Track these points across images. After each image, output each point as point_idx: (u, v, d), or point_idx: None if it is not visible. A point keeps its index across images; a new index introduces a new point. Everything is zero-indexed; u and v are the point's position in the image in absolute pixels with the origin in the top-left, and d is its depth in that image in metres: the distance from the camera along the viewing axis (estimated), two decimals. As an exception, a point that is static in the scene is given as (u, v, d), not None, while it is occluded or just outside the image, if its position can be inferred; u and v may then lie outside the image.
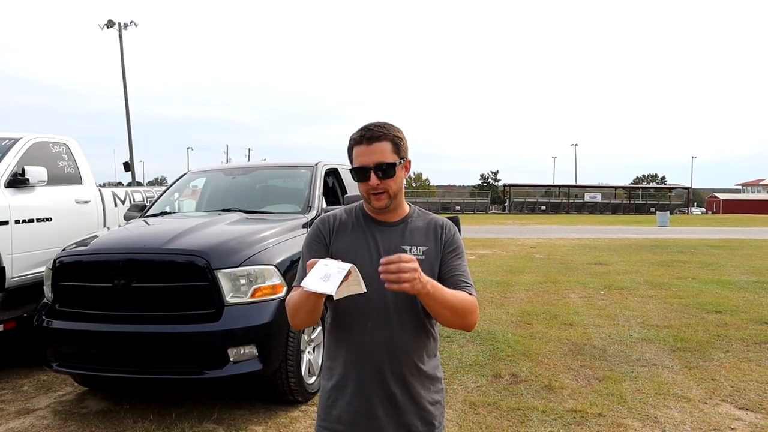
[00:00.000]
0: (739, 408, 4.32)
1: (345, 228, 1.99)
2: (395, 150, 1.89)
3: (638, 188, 76.30)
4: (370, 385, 1.91)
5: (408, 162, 1.96)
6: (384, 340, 1.89)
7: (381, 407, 1.91)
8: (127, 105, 34.05)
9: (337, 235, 1.98)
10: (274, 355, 4.12)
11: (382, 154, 1.87)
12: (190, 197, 7.28)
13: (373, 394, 1.90)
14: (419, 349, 1.94)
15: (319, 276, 1.61)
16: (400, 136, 1.92)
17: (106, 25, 34.29)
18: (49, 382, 5.14)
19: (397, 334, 1.89)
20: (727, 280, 10.37)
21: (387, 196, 1.89)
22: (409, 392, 1.92)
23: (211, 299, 4.00)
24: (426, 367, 1.96)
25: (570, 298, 8.70)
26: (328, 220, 2.02)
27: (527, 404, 4.37)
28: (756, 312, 7.54)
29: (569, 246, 17.74)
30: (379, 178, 1.86)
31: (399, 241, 1.93)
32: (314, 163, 6.01)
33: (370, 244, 1.94)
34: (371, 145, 1.87)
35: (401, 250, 1.89)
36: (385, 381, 1.90)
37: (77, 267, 4.32)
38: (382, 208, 1.92)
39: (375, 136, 1.87)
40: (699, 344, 5.97)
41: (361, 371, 1.91)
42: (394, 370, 1.90)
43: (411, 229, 1.96)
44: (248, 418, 4.22)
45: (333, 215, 2.04)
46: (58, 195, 5.93)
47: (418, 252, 1.91)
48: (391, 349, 1.90)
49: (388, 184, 1.88)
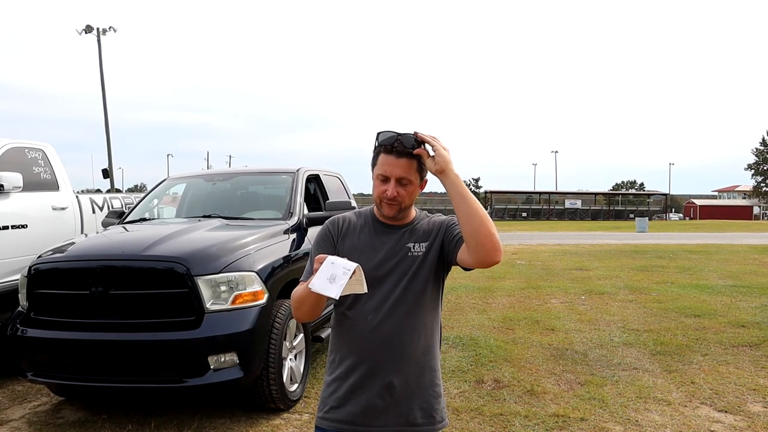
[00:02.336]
0: (718, 410, 4.36)
1: (354, 230, 2.07)
2: (419, 169, 1.96)
3: (617, 194, 77.06)
4: (369, 378, 1.97)
5: (425, 181, 2.03)
6: (384, 333, 1.96)
7: (380, 398, 1.96)
8: (106, 111, 33.68)
9: (345, 236, 2.07)
10: (255, 363, 4.07)
11: (406, 170, 1.93)
12: (170, 204, 7.21)
13: (373, 386, 1.96)
14: (420, 343, 2.00)
15: (326, 277, 1.68)
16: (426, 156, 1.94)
17: (84, 30, 33.91)
18: (24, 392, 5.03)
19: (397, 328, 1.96)
20: (705, 284, 10.49)
21: (399, 207, 1.98)
22: (409, 384, 1.98)
23: (191, 306, 3.95)
24: (426, 360, 2.02)
25: (551, 304, 8.74)
26: (338, 222, 2.10)
27: (510, 409, 4.36)
28: (733, 315, 7.63)
29: (550, 252, 17.84)
30: (397, 190, 1.94)
31: (404, 242, 2.02)
32: (295, 169, 5.98)
33: (375, 244, 2.02)
34: (400, 159, 1.92)
35: (406, 248, 2.00)
36: (384, 373, 1.96)
37: (53, 274, 4.24)
38: (391, 216, 2.00)
39: (405, 152, 1.91)
40: (678, 348, 6.02)
41: (362, 364, 1.98)
42: (394, 362, 1.96)
43: (416, 229, 2.04)
44: (229, 427, 4.17)
45: (343, 218, 2.12)
46: (33, 201, 5.84)
47: (420, 248, 2.00)
48: (390, 342, 1.96)
49: (403, 198, 1.96)
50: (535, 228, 38.15)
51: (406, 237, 2.03)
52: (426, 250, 2.01)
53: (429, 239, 2.03)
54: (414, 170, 1.94)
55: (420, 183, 2.00)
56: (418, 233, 2.04)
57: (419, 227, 2.05)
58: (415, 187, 1.98)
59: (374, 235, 2.04)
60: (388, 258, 2.00)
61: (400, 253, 2.01)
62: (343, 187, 7.28)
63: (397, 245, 2.02)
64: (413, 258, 2.00)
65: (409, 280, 1.98)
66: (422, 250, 2.01)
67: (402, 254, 2.01)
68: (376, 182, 1.98)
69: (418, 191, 2.00)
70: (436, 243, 2.02)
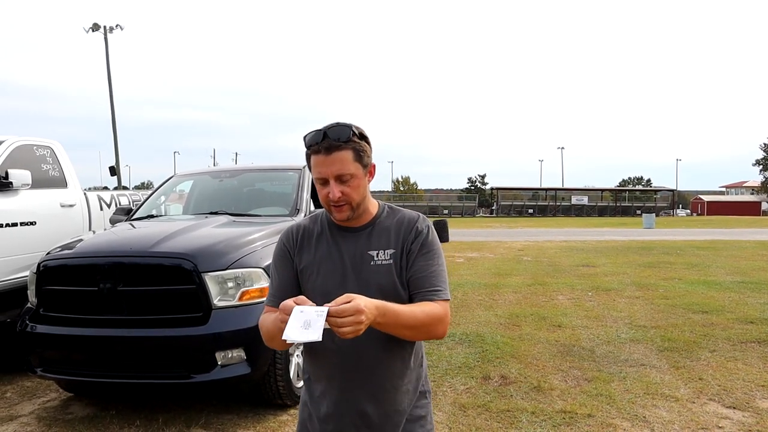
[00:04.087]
0: (727, 407, 4.34)
1: (309, 238, 1.86)
2: (357, 158, 1.72)
3: (624, 191, 76.95)
4: (341, 404, 1.80)
5: (372, 167, 1.81)
6: (352, 356, 1.75)
7: (354, 428, 1.81)
8: (113, 109, 33.83)
9: (300, 247, 1.86)
10: (262, 359, 4.09)
11: (342, 165, 1.70)
12: (177, 201, 7.23)
13: (346, 414, 1.80)
14: (394, 364, 1.81)
15: (299, 325, 1.49)
16: (361, 141, 1.74)
17: (91, 28, 34.05)
18: (33, 388, 5.07)
19: (365, 349, 1.73)
20: (712, 280, 10.45)
21: (349, 207, 1.75)
22: (385, 410, 1.80)
23: (199, 302, 3.96)
24: (404, 382, 1.83)
25: (558, 300, 8.73)
26: (291, 233, 1.90)
27: (517, 405, 4.36)
28: (741, 311, 7.60)
29: (557, 248, 17.81)
30: (340, 190, 1.72)
31: (365, 247, 1.79)
32: (302, 166, 5.98)
33: (333, 254, 1.81)
34: (330, 155, 1.69)
35: (367, 256, 1.78)
36: (356, 399, 1.79)
37: (62, 271, 4.26)
38: (344, 219, 1.78)
39: (333, 146, 1.69)
40: (686, 344, 6.01)
41: (333, 389, 1.81)
42: (366, 387, 1.79)
43: (378, 231, 1.82)
44: (236, 423, 4.18)
45: (297, 226, 1.91)
46: (42, 198, 5.87)
47: (385, 256, 1.78)
48: (359, 365, 1.77)
49: (350, 196, 1.73)
50: (542, 224, 38.09)
51: (367, 242, 1.80)
52: (393, 260, 1.78)
53: (396, 246, 1.79)
54: (350, 161, 1.71)
55: (364, 173, 1.76)
56: (380, 237, 1.81)
57: (382, 228, 1.82)
58: (360, 179, 1.74)
59: (332, 243, 1.82)
60: (348, 268, 1.78)
61: (362, 262, 1.78)
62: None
63: (357, 252, 1.79)
64: (377, 267, 1.77)
65: (372, 293, 1.65)
66: (387, 258, 1.77)
67: (364, 262, 1.78)
68: (318, 187, 1.76)
69: (365, 182, 1.77)
70: (403, 256, 1.79)
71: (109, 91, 33.66)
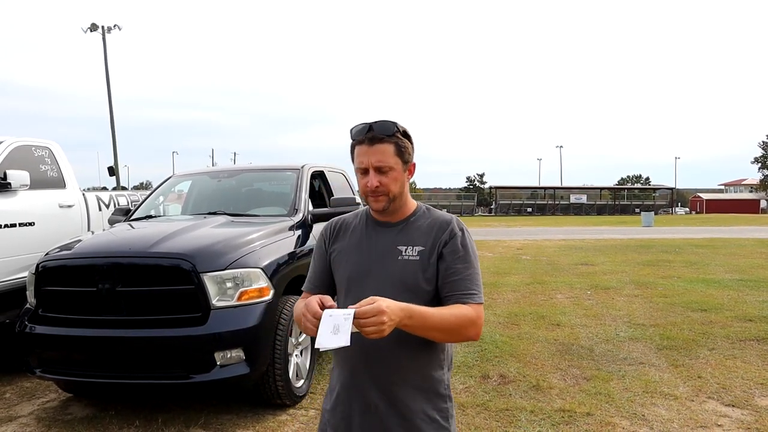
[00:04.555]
0: (726, 405, 4.35)
1: (347, 230, 1.97)
2: (398, 152, 1.82)
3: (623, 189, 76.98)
4: (350, 390, 1.86)
5: (412, 166, 1.91)
6: (365, 344, 1.72)
7: (360, 414, 1.84)
8: (111, 109, 33.80)
9: (335, 238, 1.98)
10: (261, 359, 4.09)
11: (383, 156, 1.80)
12: (176, 202, 7.23)
13: (354, 403, 1.85)
14: (410, 359, 1.82)
15: (329, 330, 1.55)
16: (403, 139, 1.84)
17: (89, 28, 34.03)
18: (33, 388, 5.07)
19: (380, 342, 1.69)
20: (711, 278, 10.46)
21: (386, 198, 1.83)
22: (396, 406, 1.81)
23: (197, 303, 3.96)
24: (413, 378, 1.83)
25: (557, 299, 8.73)
26: (331, 224, 2.03)
27: (516, 404, 4.37)
28: (740, 310, 7.61)
29: (555, 247, 17.82)
30: (378, 179, 1.81)
31: (395, 241, 1.86)
32: (300, 166, 5.99)
33: (363, 245, 1.90)
34: (372, 146, 1.81)
35: (396, 251, 1.84)
36: (366, 391, 1.83)
37: (61, 271, 4.26)
38: (381, 210, 1.86)
39: (377, 138, 1.80)
40: (685, 342, 6.01)
41: (346, 379, 1.88)
42: (377, 380, 1.82)
43: (411, 228, 1.88)
44: (236, 423, 4.18)
45: (340, 219, 2.04)
46: (41, 199, 5.86)
47: (413, 252, 1.83)
48: (371, 356, 1.80)
49: (388, 187, 1.82)
50: (541, 223, 38.10)
51: (398, 237, 1.87)
52: (420, 257, 1.83)
53: (426, 244, 1.84)
54: (391, 154, 1.81)
55: (404, 168, 1.85)
56: (412, 233, 1.87)
57: (415, 226, 1.89)
58: (399, 173, 1.83)
59: (364, 235, 1.92)
60: (375, 259, 1.86)
61: (390, 255, 1.85)
62: (348, 184, 7.28)
63: (387, 245, 1.86)
64: (404, 262, 1.83)
65: (395, 286, 1.78)
66: (415, 254, 1.83)
67: (392, 256, 1.84)
68: (358, 177, 1.86)
69: (404, 178, 1.86)
70: (434, 254, 1.83)
71: (107, 91, 33.65)
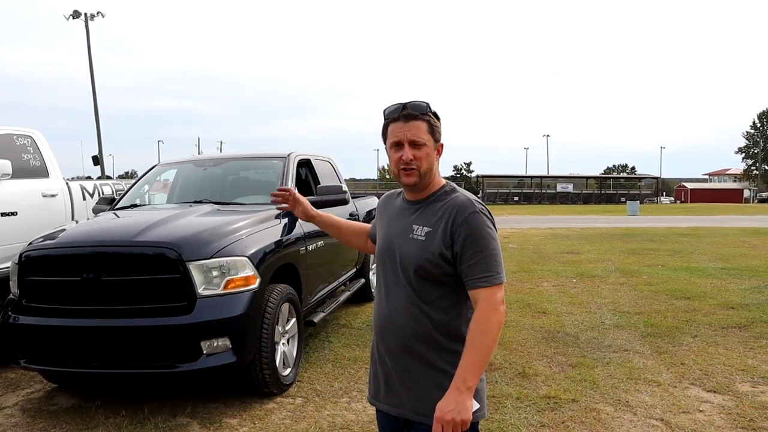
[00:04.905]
0: (708, 391, 4.41)
1: (389, 206, 2.13)
2: (430, 130, 1.92)
3: (609, 178, 77.27)
4: (382, 352, 2.00)
5: (441, 146, 1.99)
6: (383, 313, 1.98)
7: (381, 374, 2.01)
8: (95, 97, 33.47)
9: (381, 210, 2.17)
10: (248, 347, 4.08)
11: (418, 131, 1.90)
12: (161, 190, 7.17)
13: (385, 360, 1.98)
14: (416, 329, 1.89)
15: None
16: (435, 119, 1.94)
17: (71, 15, 33.58)
18: (17, 379, 5.03)
19: (392, 310, 1.95)
20: (695, 267, 10.58)
21: (417, 173, 1.91)
22: (425, 362, 1.90)
23: (183, 292, 3.94)
24: (422, 350, 1.90)
25: (543, 287, 8.79)
26: (383, 196, 2.22)
27: (502, 391, 4.40)
28: (723, 297, 7.70)
29: (542, 235, 17.91)
30: (412, 153, 1.90)
31: (412, 220, 1.96)
32: (286, 154, 5.96)
33: (392, 222, 2.04)
34: (407, 122, 1.90)
35: (410, 229, 1.94)
36: (383, 353, 1.99)
37: (45, 261, 4.22)
38: (411, 185, 1.94)
39: (411, 115, 1.90)
40: (669, 330, 6.08)
41: (377, 338, 2.03)
42: (388, 344, 1.96)
43: (428, 208, 1.96)
44: (223, 411, 4.18)
45: (391, 192, 2.19)
46: (23, 188, 5.80)
47: (420, 233, 1.91)
48: (385, 324, 1.97)
49: (420, 161, 1.90)
50: (527, 212, 38.26)
51: (415, 215, 1.96)
52: (426, 238, 1.89)
53: (436, 225, 1.89)
54: (424, 131, 1.91)
55: (435, 147, 1.94)
56: (427, 213, 1.94)
57: (432, 206, 1.95)
58: (430, 149, 1.92)
59: (394, 212, 2.06)
60: (395, 236, 1.98)
61: (405, 233, 1.95)
62: (335, 172, 7.27)
63: (406, 223, 1.97)
64: (412, 240, 1.91)
65: (402, 262, 1.92)
66: (422, 235, 1.90)
67: (406, 233, 1.94)
68: (391, 153, 1.95)
69: (434, 156, 1.94)
70: (443, 237, 1.86)
71: (91, 79, 33.31)
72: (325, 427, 3.89)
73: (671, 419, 3.90)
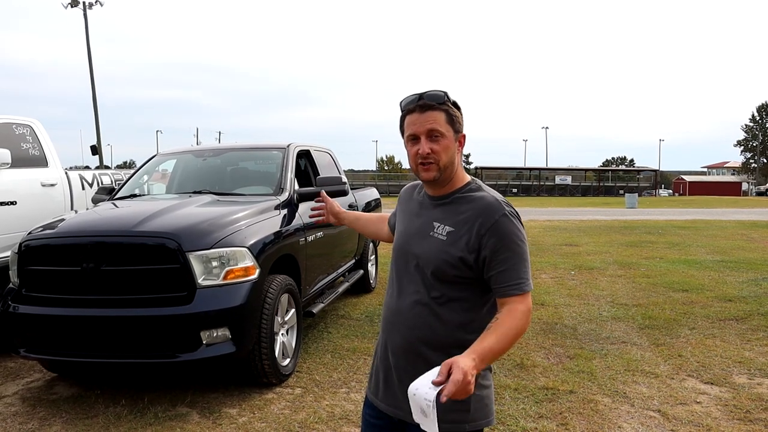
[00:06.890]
0: (705, 382, 4.44)
1: (410, 199, 2.03)
2: (449, 121, 1.80)
3: (607, 171, 77.38)
4: (386, 349, 1.93)
5: (462, 137, 1.86)
6: (392, 310, 1.91)
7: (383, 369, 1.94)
8: (93, 87, 33.35)
9: (400, 203, 2.08)
10: (247, 338, 4.10)
11: (434, 122, 1.78)
12: (160, 181, 7.16)
13: (387, 357, 1.92)
14: (423, 329, 1.82)
15: (418, 411, 1.50)
16: (454, 108, 1.82)
17: (70, 4, 33.41)
18: (17, 368, 5.04)
19: (403, 307, 1.86)
20: (693, 259, 10.60)
21: (437, 167, 1.79)
22: (427, 364, 1.70)
23: (183, 282, 3.95)
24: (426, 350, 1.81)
25: (541, 279, 8.81)
26: (405, 188, 2.11)
27: (500, 383, 4.42)
28: (720, 290, 7.73)
29: (540, 227, 17.92)
30: (429, 146, 1.78)
31: (433, 217, 1.86)
32: (286, 145, 5.95)
33: (413, 217, 1.94)
34: (424, 113, 1.79)
35: (431, 226, 1.84)
36: (388, 349, 1.91)
37: (44, 250, 4.22)
38: (431, 180, 1.82)
39: (428, 105, 1.79)
40: (666, 322, 6.10)
41: (383, 333, 1.96)
42: (394, 341, 1.88)
43: (452, 206, 1.84)
44: (222, 401, 4.20)
45: (413, 184, 2.07)
46: (22, 178, 5.79)
47: (442, 232, 1.80)
48: (394, 320, 1.89)
49: (438, 155, 1.78)
50: (526, 204, 38.25)
51: (437, 212, 1.85)
52: (448, 238, 1.79)
53: (459, 227, 1.79)
54: (443, 122, 1.78)
55: (455, 138, 1.81)
56: (450, 211, 1.83)
57: (457, 204, 1.83)
58: (450, 141, 1.79)
59: (415, 207, 1.96)
60: (414, 233, 1.88)
61: (425, 230, 1.85)
62: (334, 163, 7.26)
63: (427, 220, 1.86)
64: (433, 239, 1.81)
65: (419, 261, 1.83)
66: (443, 234, 1.79)
67: (427, 231, 1.84)
68: (408, 147, 1.84)
69: (455, 148, 1.82)
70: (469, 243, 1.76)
71: (89, 68, 33.20)
72: (324, 417, 3.91)
73: (668, 410, 3.92)
